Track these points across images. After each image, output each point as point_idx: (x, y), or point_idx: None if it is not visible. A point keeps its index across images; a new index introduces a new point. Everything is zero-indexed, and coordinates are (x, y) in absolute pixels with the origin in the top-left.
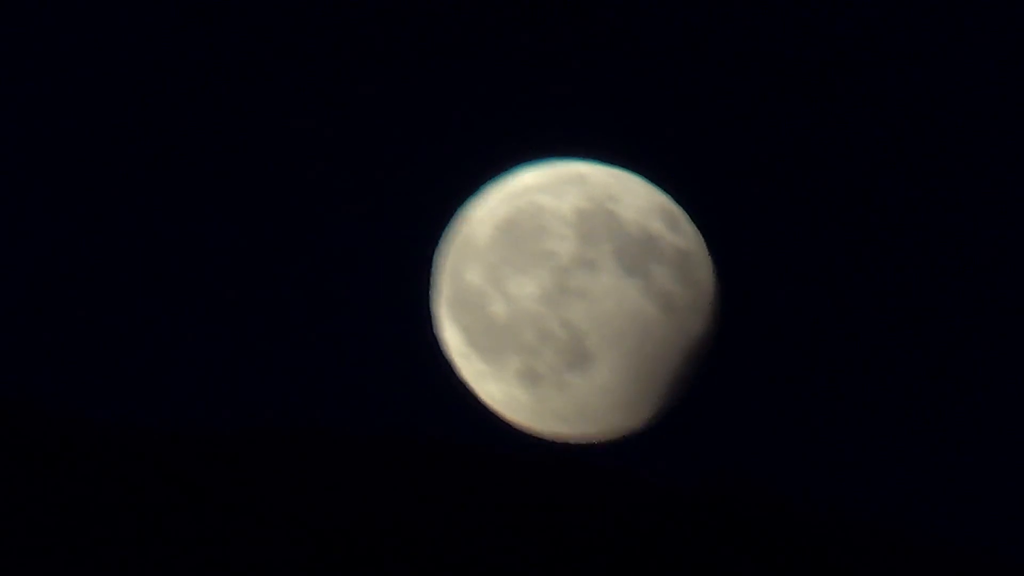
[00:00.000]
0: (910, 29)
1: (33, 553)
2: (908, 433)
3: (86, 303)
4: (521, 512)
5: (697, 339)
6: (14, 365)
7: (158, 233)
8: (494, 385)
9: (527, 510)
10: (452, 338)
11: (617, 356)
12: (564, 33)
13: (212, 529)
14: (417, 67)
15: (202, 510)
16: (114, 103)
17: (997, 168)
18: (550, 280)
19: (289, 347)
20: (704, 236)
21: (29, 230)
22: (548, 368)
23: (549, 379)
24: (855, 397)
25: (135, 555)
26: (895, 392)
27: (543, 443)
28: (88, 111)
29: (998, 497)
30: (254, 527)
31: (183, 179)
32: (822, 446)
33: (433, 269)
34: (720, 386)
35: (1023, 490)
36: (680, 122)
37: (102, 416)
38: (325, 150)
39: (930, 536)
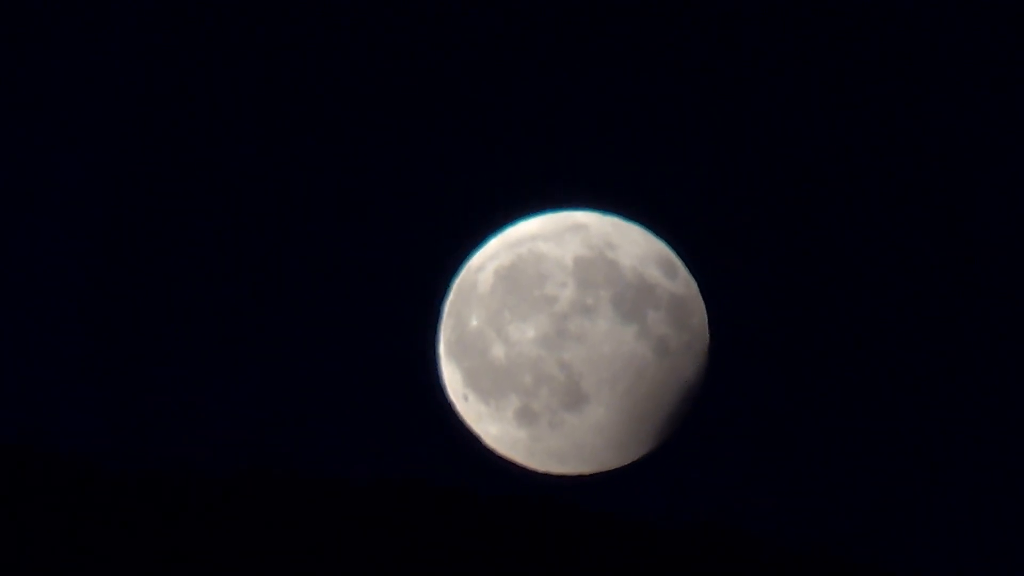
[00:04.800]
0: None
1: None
2: (898, 478)
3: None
4: (512, 549)
5: (690, 381)
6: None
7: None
8: (493, 425)
9: (518, 547)
10: (453, 380)
11: (612, 397)
12: (563, 87)
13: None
14: (423, 120)
15: (197, 555)
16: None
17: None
18: (549, 325)
19: (297, 388)
20: (700, 282)
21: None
22: (545, 408)
23: (545, 418)
24: (845, 440)
25: None
26: (885, 436)
27: (538, 480)
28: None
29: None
30: (251, 572)
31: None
32: (810, 488)
33: (437, 315)
34: (712, 427)
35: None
36: (678, 173)
37: (117, 458)
38: (333, 200)
39: None
